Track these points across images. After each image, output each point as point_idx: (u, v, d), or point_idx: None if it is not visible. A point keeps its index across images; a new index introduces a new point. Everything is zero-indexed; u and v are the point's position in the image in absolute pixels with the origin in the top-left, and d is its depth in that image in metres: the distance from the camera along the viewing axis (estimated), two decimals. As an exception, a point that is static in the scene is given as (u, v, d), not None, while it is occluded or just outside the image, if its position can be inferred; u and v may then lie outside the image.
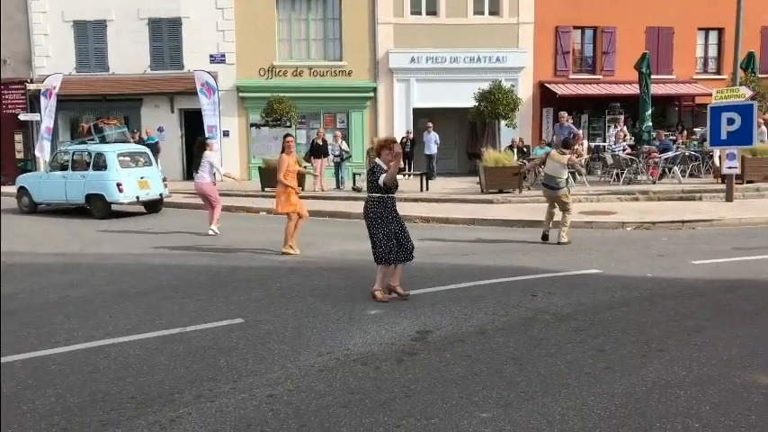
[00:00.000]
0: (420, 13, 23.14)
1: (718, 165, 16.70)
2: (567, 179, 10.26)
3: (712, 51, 24.91)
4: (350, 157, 19.77)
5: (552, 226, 10.27)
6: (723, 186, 15.10)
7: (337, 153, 18.78)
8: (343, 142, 19.43)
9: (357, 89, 22.96)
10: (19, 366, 4.94)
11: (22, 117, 22.22)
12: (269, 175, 12.21)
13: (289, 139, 9.79)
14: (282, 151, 9.70)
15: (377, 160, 6.86)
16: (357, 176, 18.55)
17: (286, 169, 9.48)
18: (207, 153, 11.72)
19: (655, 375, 4.57)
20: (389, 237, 6.73)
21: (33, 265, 9.04)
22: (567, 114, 17.27)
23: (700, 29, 24.38)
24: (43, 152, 20.76)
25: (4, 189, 19.69)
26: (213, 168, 11.64)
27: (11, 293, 7.29)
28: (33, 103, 22.26)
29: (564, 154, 10.23)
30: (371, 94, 23.16)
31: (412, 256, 6.90)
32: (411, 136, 21.45)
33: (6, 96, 22.54)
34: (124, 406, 4.16)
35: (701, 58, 24.92)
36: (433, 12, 23.06)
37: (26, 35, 22.35)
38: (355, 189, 17.80)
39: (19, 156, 22.94)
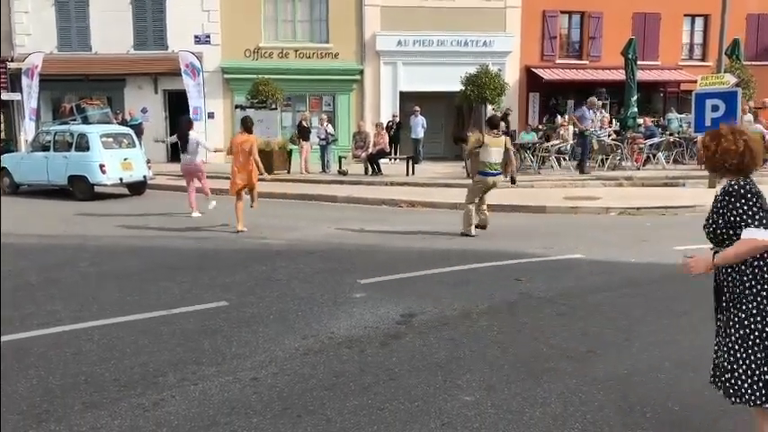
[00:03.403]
0: (407, -5, 22.97)
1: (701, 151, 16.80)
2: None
3: (698, 38, 25.00)
4: (336, 140, 19.67)
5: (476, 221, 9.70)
6: (706, 173, 15.19)
7: (323, 136, 18.68)
8: (329, 125, 19.31)
9: (343, 71, 22.80)
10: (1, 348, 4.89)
11: (4, 96, 21.81)
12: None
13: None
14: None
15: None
16: (343, 159, 18.48)
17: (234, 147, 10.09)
18: (193, 133, 11.62)
19: (636, 359, 4.62)
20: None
21: (15, 247, 8.93)
22: (597, 101, 17.23)
23: (686, 15, 24.45)
24: (29, 133, 20.47)
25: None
26: (200, 147, 11.63)
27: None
28: (14, 82, 21.88)
29: (499, 136, 9.41)
30: (358, 77, 23.02)
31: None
32: (397, 119, 21.37)
33: (-14, 75, 22.13)
34: (107, 388, 4.15)
35: (686, 44, 25.00)
36: (420, -6, 22.91)
37: (6, 13, 21.89)
38: (341, 172, 17.75)
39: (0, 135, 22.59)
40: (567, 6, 23.69)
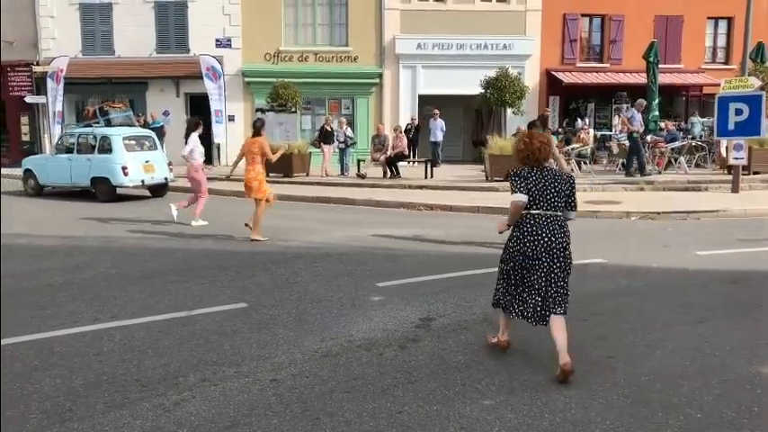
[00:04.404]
0: (427, -1, 23.01)
1: (724, 155, 16.63)
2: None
3: (721, 41, 24.73)
4: (355, 143, 19.74)
5: None
6: (729, 177, 15.03)
7: (342, 139, 18.75)
8: (348, 128, 19.39)
9: (363, 75, 22.88)
10: (24, 348, 4.96)
11: (29, 99, 22.23)
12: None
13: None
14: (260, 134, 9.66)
15: None
16: (361, 162, 18.53)
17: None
18: (194, 135, 10.95)
19: (657, 365, 4.57)
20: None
21: (38, 248, 9.07)
22: (644, 102, 16.96)
23: (709, 18, 24.20)
24: (54, 136, 20.82)
25: (8, 171, 19.77)
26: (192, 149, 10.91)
27: (16, 275, 7.32)
28: (39, 85, 22.25)
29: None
30: (377, 80, 23.08)
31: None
32: (416, 123, 21.39)
33: (12, 79, 22.53)
34: (129, 388, 4.19)
35: (709, 47, 24.74)
36: (440, -2, 22.93)
37: (32, 17, 22.30)
38: (359, 175, 17.78)
39: (25, 138, 22.98)
40: (587, 9, 23.56)
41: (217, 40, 22.32)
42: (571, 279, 7.09)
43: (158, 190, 15.21)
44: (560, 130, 21.72)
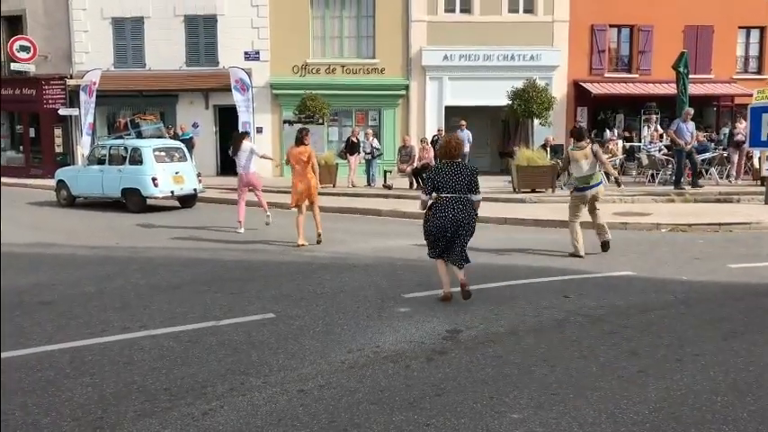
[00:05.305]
0: (454, 11, 22.99)
1: (757, 167, 16.32)
2: (600, 173, 9.12)
3: (753, 50, 24.31)
4: (381, 154, 19.81)
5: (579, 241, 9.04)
6: (762, 189, 14.75)
7: (368, 150, 18.82)
8: (375, 140, 19.46)
9: (389, 87, 22.94)
10: (57, 356, 5.06)
11: (62, 112, 22.72)
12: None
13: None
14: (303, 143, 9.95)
15: None
16: (388, 174, 18.55)
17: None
18: (246, 143, 11.75)
19: (690, 380, 4.49)
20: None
21: (71, 257, 9.24)
22: (691, 111, 16.58)
23: (740, 27, 23.82)
24: (85, 147, 21.22)
25: (43, 182, 20.21)
26: (252, 155, 11.65)
27: (49, 284, 7.48)
28: (73, 98, 22.75)
29: (582, 148, 8.90)
30: (404, 92, 23.12)
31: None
32: (443, 134, 21.36)
33: (47, 91, 23.07)
34: (158, 397, 4.24)
35: (741, 57, 24.34)
36: (466, 9, 22.92)
37: (66, 32, 22.84)
38: (386, 186, 17.82)
39: (58, 150, 23.48)
40: (615, 20, 23.36)
41: (245, 53, 22.60)
42: (600, 292, 7.06)
43: (188, 201, 15.41)
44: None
